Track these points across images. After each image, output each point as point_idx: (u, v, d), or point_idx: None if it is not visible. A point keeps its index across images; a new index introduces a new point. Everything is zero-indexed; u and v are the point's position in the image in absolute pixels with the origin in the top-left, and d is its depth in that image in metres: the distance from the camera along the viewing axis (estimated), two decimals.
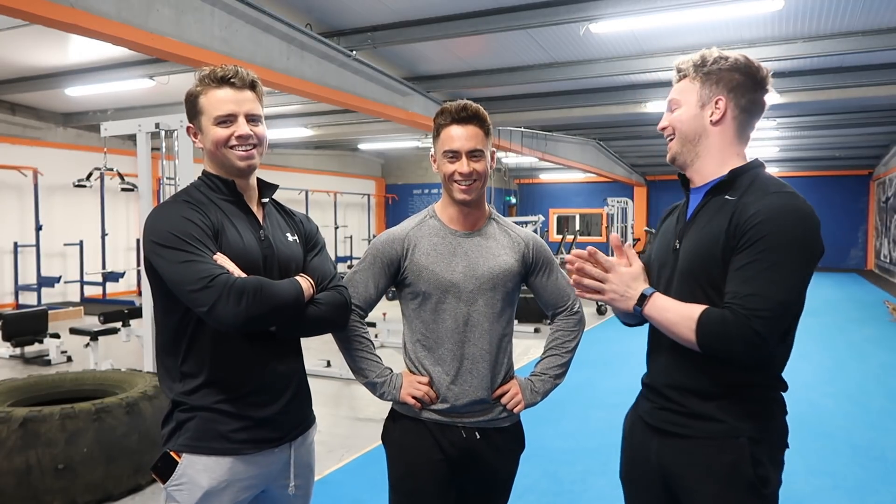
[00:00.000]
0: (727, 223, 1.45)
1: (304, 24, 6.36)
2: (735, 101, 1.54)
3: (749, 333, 1.34)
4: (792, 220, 1.39)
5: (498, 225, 1.93)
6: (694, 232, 1.55)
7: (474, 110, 1.79)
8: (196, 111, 1.64)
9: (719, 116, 1.54)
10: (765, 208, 1.40)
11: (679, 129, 1.59)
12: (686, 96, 1.58)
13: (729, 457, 1.46)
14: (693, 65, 1.58)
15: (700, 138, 1.57)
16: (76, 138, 11.91)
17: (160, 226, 1.55)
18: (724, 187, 1.53)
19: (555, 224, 22.16)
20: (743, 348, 1.35)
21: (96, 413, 3.36)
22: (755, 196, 1.45)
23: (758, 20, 6.42)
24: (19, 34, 6.72)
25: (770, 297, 1.35)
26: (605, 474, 3.83)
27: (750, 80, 1.54)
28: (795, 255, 1.38)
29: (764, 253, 1.37)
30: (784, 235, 1.37)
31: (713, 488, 1.48)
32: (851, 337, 8.62)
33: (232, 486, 1.60)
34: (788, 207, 1.40)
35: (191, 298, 1.49)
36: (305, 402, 1.79)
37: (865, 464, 4.08)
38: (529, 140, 12.25)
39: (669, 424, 1.55)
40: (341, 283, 1.78)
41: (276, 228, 1.74)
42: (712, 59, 1.55)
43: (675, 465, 1.54)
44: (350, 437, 4.57)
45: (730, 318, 1.36)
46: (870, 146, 15.32)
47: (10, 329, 6.87)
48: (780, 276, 1.36)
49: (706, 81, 1.55)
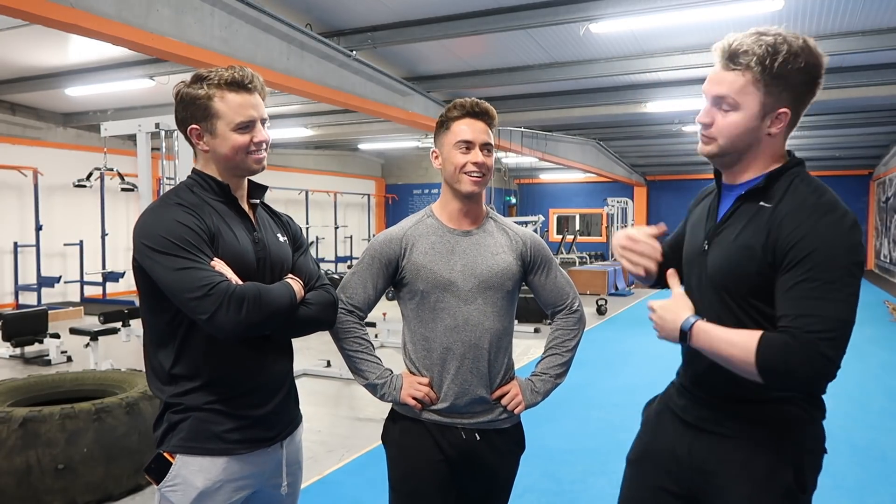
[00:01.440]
0: (764, 237, 1.35)
1: (304, 24, 6.36)
2: (797, 110, 1.39)
3: (816, 358, 1.25)
4: (836, 232, 1.30)
5: (496, 224, 1.93)
6: (725, 239, 1.45)
7: (486, 107, 1.83)
8: (209, 114, 1.58)
9: (779, 129, 1.39)
10: (807, 222, 1.30)
11: (729, 138, 1.41)
12: (746, 100, 1.37)
13: (769, 459, 1.42)
14: (759, 62, 1.33)
15: (751, 147, 1.42)
16: (76, 138, 11.91)
17: (154, 230, 1.51)
18: (759, 194, 1.41)
19: (555, 224, 22.16)
20: (811, 374, 1.26)
21: (96, 413, 3.36)
22: (793, 206, 1.34)
23: (758, 20, 6.42)
24: (19, 34, 6.72)
25: (830, 318, 1.26)
26: (605, 474, 3.83)
27: (815, 82, 1.38)
28: (846, 269, 1.29)
29: (814, 271, 1.28)
30: (832, 250, 1.29)
31: (748, 488, 1.43)
32: (851, 337, 8.61)
33: (226, 487, 1.60)
34: (832, 219, 1.31)
35: (190, 306, 1.47)
36: (294, 401, 1.79)
37: (865, 464, 4.08)
38: (529, 140, 12.25)
39: (710, 423, 1.50)
40: (326, 283, 1.78)
41: (268, 230, 1.73)
42: (782, 58, 1.32)
43: (709, 462, 1.49)
44: (350, 437, 4.57)
45: (793, 345, 1.26)
46: (870, 146, 15.32)
47: (10, 329, 6.87)
48: (836, 294, 1.27)
49: (772, 86, 1.35)
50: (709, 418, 1.51)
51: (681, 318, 1.40)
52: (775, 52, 1.32)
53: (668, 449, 1.58)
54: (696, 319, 1.39)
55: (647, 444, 1.66)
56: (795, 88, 1.36)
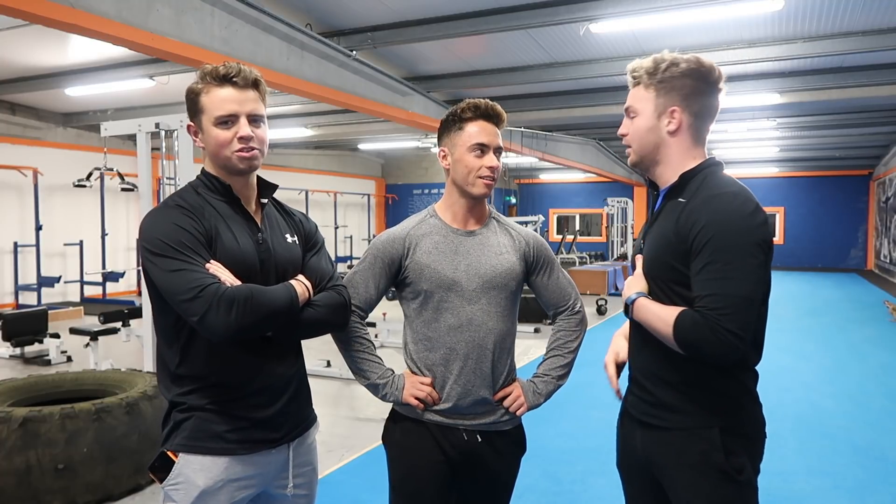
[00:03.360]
0: (674, 226, 1.53)
1: (304, 24, 6.36)
2: (689, 108, 1.57)
3: (720, 331, 1.39)
4: (732, 217, 1.46)
5: (499, 224, 1.93)
6: (652, 233, 1.63)
7: (499, 110, 1.84)
8: (197, 109, 1.61)
9: (675, 127, 1.58)
10: (707, 211, 1.47)
11: (638, 140, 1.62)
12: (642, 105, 1.60)
13: (700, 446, 1.53)
14: (646, 72, 1.59)
15: (659, 147, 1.61)
16: (76, 138, 11.91)
17: (152, 233, 1.53)
18: (676, 191, 1.59)
19: (555, 224, 22.15)
20: (719, 348, 1.40)
21: (96, 413, 3.36)
22: (699, 199, 1.51)
23: (758, 20, 6.42)
24: (19, 34, 6.73)
25: (730, 294, 1.41)
26: (605, 474, 3.83)
27: (703, 85, 1.57)
28: (742, 252, 1.44)
29: (715, 254, 1.44)
30: (729, 233, 1.44)
31: (687, 475, 1.54)
32: (851, 337, 8.62)
33: (228, 486, 1.60)
34: (728, 206, 1.47)
35: (182, 308, 1.48)
36: (305, 402, 1.77)
37: (865, 464, 4.08)
38: (529, 140, 12.25)
39: (649, 416, 1.62)
40: (340, 283, 1.76)
41: (275, 230, 1.71)
42: (665, 66, 1.56)
43: (655, 455, 1.61)
44: (350, 437, 4.57)
45: (699, 321, 1.42)
46: (870, 146, 15.32)
47: (10, 329, 6.87)
48: (735, 273, 1.42)
49: (660, 90, 1.57)
50: (649, 412, 1.62)
51: (630, 293, 1.60)
52: (659, 63, 1.58)
53: (632, 448, 1.70)
54: (638, 296, 1.58)
55: (623, 450, 1.77)
56: (682, 89, 1.56)
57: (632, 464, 1.71)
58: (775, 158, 17.48)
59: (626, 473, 1.77)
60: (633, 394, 1.69)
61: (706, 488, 1.52)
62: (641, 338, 1.63)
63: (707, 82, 1.56)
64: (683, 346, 1.45)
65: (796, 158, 17.53)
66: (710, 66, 1.56)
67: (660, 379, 1.59)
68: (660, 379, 1.59)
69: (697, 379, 1.54)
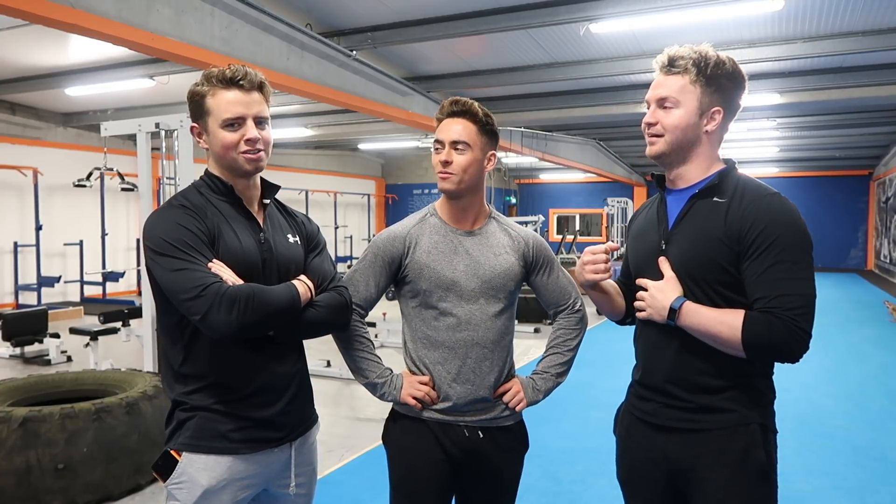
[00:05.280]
0: (722, 226, 1.49)
1: (304, 24, 6.36)
2: (729, 111, 1.57)
3: (797, 331, 1.41)
4: (794, 218, 1.47)
5: (498, 224, 1.93)
6: (685, 234, 1.56)
7: (464, 104, 1.80)
8: (202, 111, 1.62)
9: (714, 128, 1.56)
10: (766, 212, 1.47)
11: (674, 135, 1.56)
12: (686, 98, 1.53)
13: (741, 443, 1.51)
14: (695, 64, 1.52)
15: (694, 145, 1.57)
16: (76, 138, 11.91)
17: (155, 232, 1.55)
18: (712, 190, 1.55)
19: (555, 224, 22.15)
20: (793, 347, 1.42)
21: (96, 413, 3.36)
22: (747, 201, 1.49)
23: (758, 20, 6.42)
24: (19, 34, 6.72)
25: (802, 294, 1.43)
26: (604, 474, 3.83)
27: (740, 89, 1.56)
28: (805, 251, 1.46)
29: (782, 254, 1.44)
30: (792, 235, 1.45)
31: (725, 474, 1.51)
32: (851, 337, 8.62)
33: (231, 485, 1.60)
34: (784, 209, 1.48)
35: (184, 307, 1.50)
36: (307, 402, 1.78)
37: (865, 464, 4.08)
38: (529, 140, 12.25)
39: (678, 421, 1.57)
40: (341, 284, 1.77)
41: (277, 230, 1.72)
42: (713, 63, 1.51)
43: (685, 460, 1.56)
44: (350, 437, 4.57)
45: (775, 322, 1.42)
46: (870, 146, 15.32)
47: (10, 329, 6.87)
48: (803, 273, 1.44)
49: (707, 87, 1.53)
50: (679, 418, 1.58)
51: (671, 298, 1.53)
52: (707, 58, 1.52)
53: (647, 458, 1.64)
54: (685, 300, 1.52)
55: (630, 461, 1.71)
56: (725, 91, 1.54)
57: (643, 476, 1.66)
58: (775, 158, 17.47)
59: (631, 486, 1.72)
60: (650, 400, 1.63)
61: (739, 488, 1.50)
62: (678, 344, 1.56)
63: (742, 87, 1.56)
64: (752, 348, 1.44)
65: (796, 158, 17.52)
66: (742, 70, 1.55)
67: (691, 382, 1.55)
68: (691, 382, 1.55)
69: (743, 379, 1.53)
